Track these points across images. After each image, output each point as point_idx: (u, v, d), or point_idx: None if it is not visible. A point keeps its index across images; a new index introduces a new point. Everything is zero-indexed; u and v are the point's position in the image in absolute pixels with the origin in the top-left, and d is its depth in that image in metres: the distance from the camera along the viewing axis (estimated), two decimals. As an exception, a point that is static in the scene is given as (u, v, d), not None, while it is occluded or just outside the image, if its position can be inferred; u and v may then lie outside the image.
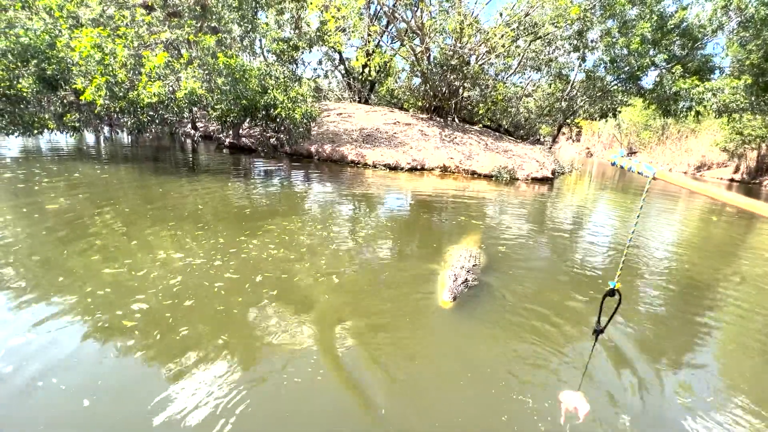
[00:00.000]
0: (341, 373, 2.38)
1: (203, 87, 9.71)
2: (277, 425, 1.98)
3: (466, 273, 3.67)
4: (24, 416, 1.92)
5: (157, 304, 2.97)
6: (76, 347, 2.42)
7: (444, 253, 4.57)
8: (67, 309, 2.80)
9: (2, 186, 5.94)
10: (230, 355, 2.45)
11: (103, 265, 3.51)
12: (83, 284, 3.16)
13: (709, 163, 28.75)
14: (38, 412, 1.95)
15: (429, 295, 3.48)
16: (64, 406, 2.00)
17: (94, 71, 8.56)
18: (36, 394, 2.04)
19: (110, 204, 5.48)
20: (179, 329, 2.66)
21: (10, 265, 3.37)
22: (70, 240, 4.03)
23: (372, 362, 2.51)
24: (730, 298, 4.22)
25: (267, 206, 6.39)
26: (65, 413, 1.97)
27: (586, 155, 45.19)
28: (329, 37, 15.70)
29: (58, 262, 3.51)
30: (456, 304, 3.25)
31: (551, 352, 2.80)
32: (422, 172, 12.83)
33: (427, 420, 2.11)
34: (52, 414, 1.95)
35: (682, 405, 2.41)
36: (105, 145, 12.71)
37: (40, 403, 2.00)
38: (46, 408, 1.98)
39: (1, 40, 8.32)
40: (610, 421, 2.22)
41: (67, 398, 2.04)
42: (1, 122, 8.82)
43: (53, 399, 2.03)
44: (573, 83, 21.14)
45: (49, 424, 1.90)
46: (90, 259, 3.61)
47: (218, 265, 3.70)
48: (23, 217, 4.58)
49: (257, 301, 3.13)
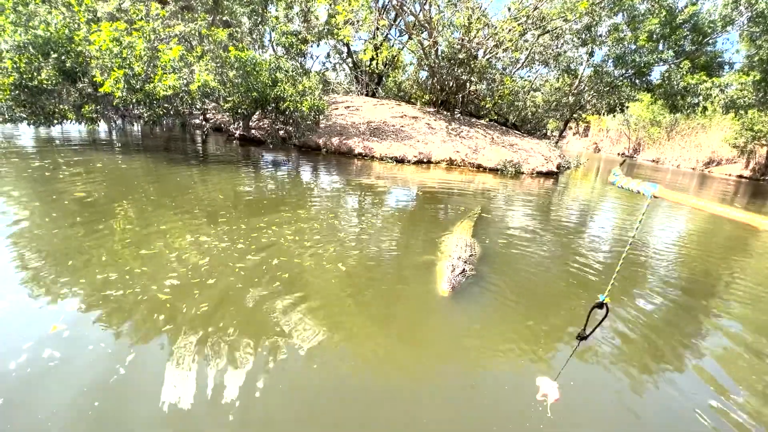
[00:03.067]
0: (344, 352, 2.64)
1: (215, 80, 9.97)
2: (285, 396, 2.25)
3: (464, 263, 3.78)
4: (86, 354, 2.23)
5: (186, 281, 3.27)
6: (118, 313, 2.73)
7: (440, 243, 4.76)
8: (113, 281, 3.12)
9: (32, 175, 6.26)
10: (242, 328, 2.73)
11: (139, 248, 3.83)
12: (125, 263, 3.48)
13: (718, 159, 28.55)
14: (95, 359, 2.26)
15: (429, 283, 3.69)
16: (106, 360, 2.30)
17: (112, 64, 8.86)
18: (87, 344, 2.35)
19: (135, 192, 5.80)
20: (202, 304, 2.96)
21: (56, 248, 3.68)
22: (104, 225, 4.34)
23: (370, 342, 2.78)
24: (732, 301, 4.28)
25: (282, 196, 6.67)
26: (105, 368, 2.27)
27: (594, 150, 44.95)
28: (338, 31, 15.83)
29: (98, 244, 3.82)
30: (454, 293, 3.43)
31: (540, 340, 3.05)
32: (428, 165, 13.04)
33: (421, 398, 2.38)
34: (97, 362, 2.26)
35: (670, 405, 2.47)
36: (117, 136, 13.03)
37: (94, 352, 2.31)
38: (97, 357, 2.29)
39: (24, 34, 8.62)
40: (590, 417, 2.33)
41: (110, 356, 2.34)
42: (24, 112, 9.17)
43: (99, 350, 2.34)
44: (581, 78, 21.10)
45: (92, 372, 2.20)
46: (126, 242, 3.93)
47: (241, 248, 4.00)
48: (54, 205, 4.90)
49: (272, 282, 3.40)
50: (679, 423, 2.33)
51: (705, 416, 2.36)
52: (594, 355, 2.88)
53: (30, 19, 8.94)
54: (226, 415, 2.01)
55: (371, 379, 2.40)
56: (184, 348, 2.46)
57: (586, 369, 2.73)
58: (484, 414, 2.23)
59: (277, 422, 2.03)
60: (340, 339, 2.71)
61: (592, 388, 2.56)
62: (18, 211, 4.54)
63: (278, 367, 2.39)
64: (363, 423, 2.08)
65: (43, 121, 9.46)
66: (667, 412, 2.40)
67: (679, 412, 2.42)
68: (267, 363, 2.41)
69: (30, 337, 2.44)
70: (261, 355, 2.46)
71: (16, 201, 4.88)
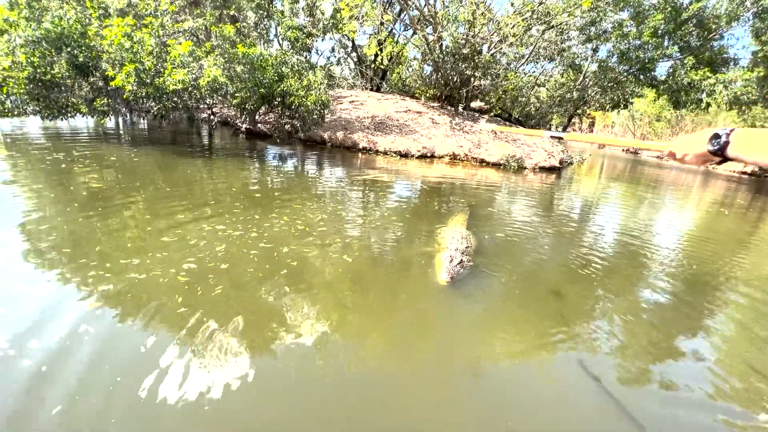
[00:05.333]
0: (347, 338, 2.85)
1: (224, 75, 10.17)
2: (289, 378, 2.47)
3: (461, 254, 4.00)
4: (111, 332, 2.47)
5: (203, 266, 3.51)
6: (143, 293, 2.97)
7: (437, 235, 4.95)
8: (136, 265, 3.37)
9: (49, 167, 6.52)
10: (251, 312, 2.96)
11: (160, 234, 4.07)
12: (147, 249, 3.72)
13: (723, 156, 28.45)
14: (123, 334, 2.50)
15: (430, 274, 3.89)
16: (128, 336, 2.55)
17: (123, 59, 9.08)
18: (116, 321, 2.60)
19: (150, 183, 6.04)
20: (217, 287, 3.20)
21: (83, 235, 3.93)
22: (125, 215, 4.58)
23: (372, 330, 3.00)
24: (737, 293, 4.39)
25: (290, 188, 6.90)
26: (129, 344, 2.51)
27: (599, 146, 44.81)
28: (342, 26, 15.95)
29: (121, 232, 4.07)
30: (452, 282, 3.64)
31: (534, 327, 3.27)
32: (432, 160, 13.21)
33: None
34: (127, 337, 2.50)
35: (667, 397, 2.58)
36: (124, 129, 13.26)
37: (119, 329, 2.55)
38: (122, 333, 2.53)
39: (37, 29, 8.84)
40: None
41: (132, 330, 2.59)
42: (38, 106, 9.42)
43: (122, 328, 2.58)
44: (585, 73, 21.10)
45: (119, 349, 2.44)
46: (146, 230, 4.17)
47: (254, 236, 4.24)
48: (75, 195, 5.15)
49: (281, 270, 3.63)
50: (681, 421, 2.40)
51: (707, 411, 2.45)
52: (593, 348, 3.09)
53: (43, 15, 9.16)
54: (232, 390, 2.25)
55: (373, 365, 2.56)
56: (198, 327, 2.70)
57: (589, 362, 2.87)
58: (485, 396, 2.46)
59: (279, 404, 2.22)
60: (342, 325, 2.92)
61: (592, 380, 2.68)
62: (42, 201, 4.79)
63: (284, 349, 2.61)
64: (365, 406, 2.30)
65: (56, 114, 9.71)
66: (668, 407, 2.48)
67: (680, 407, 2.48)
68: (272, 343, 2.64)
69: (69, 313, 2.69)
70: (267, 336, 2.69)
71: (38, 192, 5.13)
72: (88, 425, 1.92)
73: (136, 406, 2.04)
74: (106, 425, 1.93)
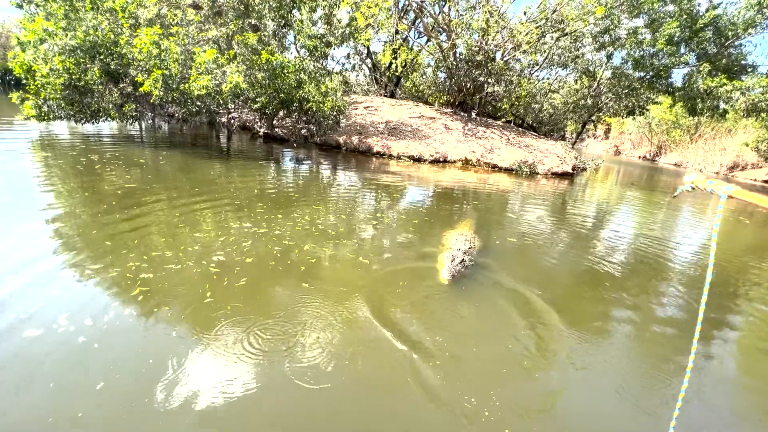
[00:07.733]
0: (355, 331, 3.10)
1: (245, 81, 10.60)
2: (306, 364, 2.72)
3: (463, 254, 4.18)
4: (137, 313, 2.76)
5: (230, 259, 3.80)
6: (177, 283, 3.27)
7: (443, 238, 5.12)
8: (170, 257, 3.68)
9: (83, 169, 6.97)
10: (271, 300, 3.24)
11: (192, 231, 4.41)
12: (180, 243, 4.05)
13: (743, 164, 27.83)
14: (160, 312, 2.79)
15: (435, 273, 4.06)
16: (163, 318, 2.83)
17: (151, 66, 9.59)
18: (156, 305, 2.89)
19: (179, 184, 6.44)
20: (241, 278, 3.49)
21: (122, 230, 4.28)
22: (158, 212, 4.94)
23: (379, 317, 3.23)
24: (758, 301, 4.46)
25: (310, 190, 7.25)
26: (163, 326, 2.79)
27: (614, 153, 44.22)
28: (359, 35, 16.35)
29: (155, 228, 4.41)
30: (454, 281, 3.81)
31: (534, 327, 3.45)
32: (444, 165, 13.42)
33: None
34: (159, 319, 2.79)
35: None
36: (147, 133, 13.81)
37: (159, 312, 2.84)
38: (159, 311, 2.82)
39: (73, 38, 9.42)
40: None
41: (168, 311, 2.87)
42: (72, 110, 9.99)
43: (156, 311, 2.87)
44: (600, 80, 21.04)
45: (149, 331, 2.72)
46: (179, 227, 4.51)
47: (278, 233, 4.54)
48: (110, 195, 5.54)
49: (301, 265, 3.89)
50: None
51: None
52: (609, 350, 3.26)
53: (78, 24, 9.74)
54: (246, 378, 2.51)
55: (377, 358, 2.72)
56: (224, 314, 2.97)
57: (599, 364, 3.02)
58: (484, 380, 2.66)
59: (288, 392, 2.43)
60: (353, 320, 3.12)
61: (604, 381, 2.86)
62: (81, 201, 5.19)
63: (298, 339, 2.86)
64: (373, 389, 2.54)
65: (88, 118, 10.28)
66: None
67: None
68: (289, 333, 2.89)
69: (116, 297, 3.00)
70: (285, 325, 2.95)
71: (76, 192, 5.54)
72: (126, 396, 2.20)
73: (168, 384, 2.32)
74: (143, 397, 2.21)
